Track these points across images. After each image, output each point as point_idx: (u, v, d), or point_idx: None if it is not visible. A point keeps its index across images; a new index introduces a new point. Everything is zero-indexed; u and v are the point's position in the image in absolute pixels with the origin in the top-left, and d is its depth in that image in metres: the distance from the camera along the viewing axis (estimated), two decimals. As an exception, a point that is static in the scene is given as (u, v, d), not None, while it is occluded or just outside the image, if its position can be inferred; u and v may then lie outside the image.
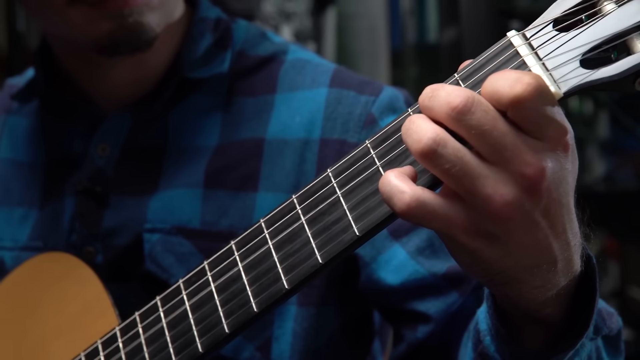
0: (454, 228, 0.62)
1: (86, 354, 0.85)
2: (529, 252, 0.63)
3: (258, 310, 0.73)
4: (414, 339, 0.96)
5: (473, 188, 0.60)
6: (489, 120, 0.59)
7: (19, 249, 1.06)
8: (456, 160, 0.60)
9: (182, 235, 0.98)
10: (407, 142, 0.62)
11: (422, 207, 0.61)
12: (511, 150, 0.60)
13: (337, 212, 0.69)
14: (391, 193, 0.61)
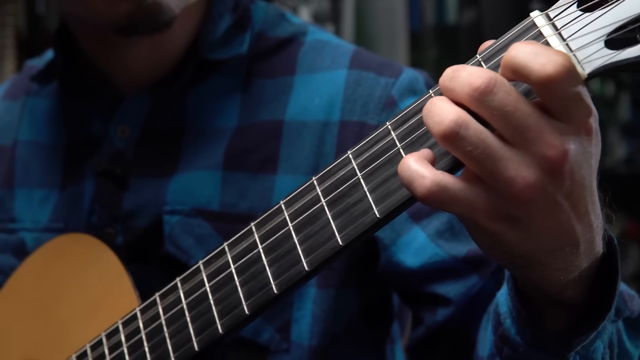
0: (475, 212, 0.61)
1: (107, 334, 0.86)
2: (551, 235, 0.63)
3: (278, 292, 0.74)
4: (434, 322, 0.95)
5: (495, 170, 0.60)
6: (511, 101, 0.59)
7: (40, 230, 1.07)
8: (478, 142, 0.60)
9: (201, 217, 0.98)
10: (429, 125, 0.61)
11: (443, 191, 0.60)
12: (534, 131, 0.59)
13: (357, 194, 0.69)
14: (411, 178, 0.61)
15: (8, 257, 1.09)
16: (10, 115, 1.15)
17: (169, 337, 0.80)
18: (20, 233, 1.08)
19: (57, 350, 0.91)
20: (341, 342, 1.01)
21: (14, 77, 1.23)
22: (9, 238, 1.09)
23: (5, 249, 1.09)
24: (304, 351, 0.98)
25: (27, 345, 0.95)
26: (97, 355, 0.86)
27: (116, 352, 0.84)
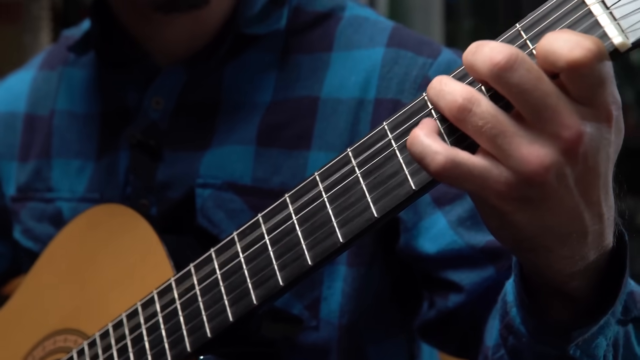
0: (487, 190, 0.61)
1: (142, 303, 0.86)
2: (560, 219, 0.62)
3: (312, 264, 0.74)
4: (445, 307, 0.95)
5: (508, 147, 0.59)
6: (531, 79, 0.58)
7: (76, 200, 1.08)
8: (490, 118, 0.59)
9: (233, 191, 0.98)
10: (440, 104, 0.62)
11: (456, 167, 0.60)
12: (551, 111, 0.58)
13: (392, 166, 0.68)
14: (424, 153, 0.61)
15: (45, 226, 1.10)
16: (47, 85, 1.16)
17: (203, 307, 0.81)
18: (57, 202, 1.09)
19: (93, 318, 0.92)
20: (370, 320, 1.01)
21: (50, 47, 1.24)
22: (46, 207, 1.10)
23: (43, 218, 1.10)
24: (333, 329, 0.98)
25: (63, 314, 0.96)
26: (133, 325, 0.86)
27: (151, 322, 0.85)
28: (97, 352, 0.89)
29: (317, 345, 0.98)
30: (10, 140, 1.16)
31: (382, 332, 1.03)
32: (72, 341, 0.94)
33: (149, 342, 0.84)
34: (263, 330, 0.82)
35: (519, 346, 0.76)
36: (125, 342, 0.86)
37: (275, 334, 0.85)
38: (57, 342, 0.96)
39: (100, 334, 0.89)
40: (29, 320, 1.01)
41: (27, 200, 1.13)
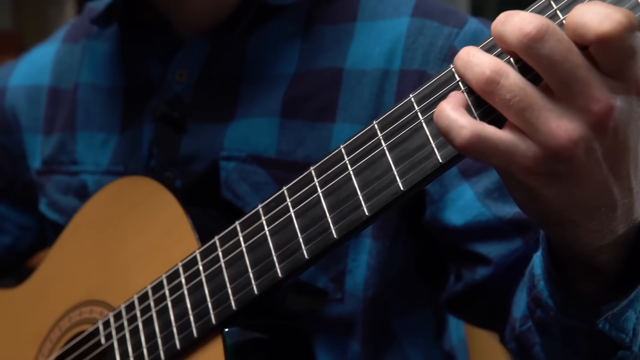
0: (514, 164, 0.60)
1: (167, 276, 0.87)
2: (588, 194, 0.61)
3: (338, 237, 0.73)
4: (472, 280, 0.95)
5: (536, 121, 0.59)
6: (561, 50, 0.57)
7: (100, 172, 1.08)
8: (518, 91, 0.59)
9: (257, 164, 0.98)
10: (467, 76, 0.61)
11: (482, 142, 0.60)
12: (581, 84, 0.57)
13: (419, 139, 0.68)
14: (449, 127, 0.60)
15: (70, 198, 1.10)
16: (71, 58, 1.16)
17: (228, 280, 0.81)
18: (82, 175, 1.10)
19: (118, 290, 0.93)
20: (396, 293, 1.01)
21: (74, 20, 1.24)
22: (71, 180, 1.11)
23: (68, 190, 1.11)
24: (358, 301, 0.98)
25: (89, 286, 0.97)
26: (158, 297, 0.87)
27: (176, 294, 0.85)
28: (122, 323, 0.89)
29: (342, 317, 0.98)
30: (35, 113, 1.16)
31: (408, 305, 1.03)
32: (98, 312, 0.94)
33: (174, 315, 0.85)
34: (288, 303, 0.82)
35: (547, 319, 0.76)
36: (150, 314, 0.87)
37: (300, 307, 0.85)
38: (82, 314, 0.96)
39: (125, 306, 0.90)
40: (54, 291, 1.01)
41: (52, 174, 1.13)
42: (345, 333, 0.99)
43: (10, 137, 1.18)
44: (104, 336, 0.91)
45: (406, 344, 1.03)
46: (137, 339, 0.87)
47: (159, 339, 0.85)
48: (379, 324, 1.00)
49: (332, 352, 1.00)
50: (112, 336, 0.90)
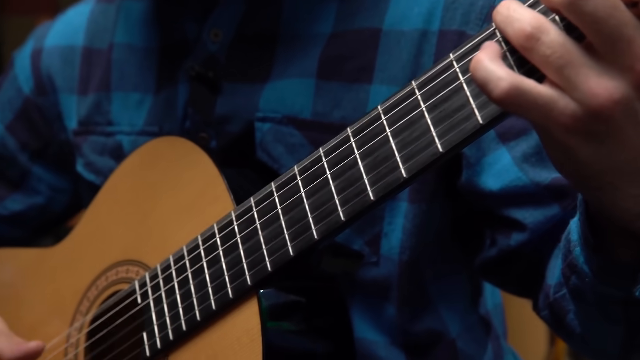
0: (552, 121, 0.59)
1: (203, 237, 0.87)
2: (628, 156, 0.60)
3: (374, 199, 0.73)
4: (506, 245, 0.93)
5: (575, 79, 0.57)
6: (606, 7, 0.56)
7: (136, 133, 1.08)
8: (558, 47, 0.57)
9: (293, 125, 0.97)
10: (507, 31, 0.59)
11: (521, 95, 0.58)
12: (626, 42, 0.56)
13: (459, 99, 0.66)
14: (487, 79, 0.59)
15: (106, 159, 1.11)
16: (105, 19, 1.15)
17: (264, 241, 0.81)
18: (117, 136, 1.10)
19: (154, 250, 0.93)
20: (432, 257, 1.00)
21: (109, -21, 1.23)
22: (107, 141, 1.11)
23: (104, 151, 1.11)
24: (393, 265, 0.97)
25: (125, 245, 0.97)
26: (193, 257, 0.87)
27: (212, 255, 0.85)
28: (158, 283, 0.90)
29: (377, 281, 0.97)
30: (70, 73, 1.16)
31: (443, 269, 1.02)
32: (134, 272, 0.95)
33: (209, 275, 0.85)
34: (323, 265, 0.82)
35: (582, 286, 0.75)
36: (186, 274, 0.87)
37: (336, 269, 0.84)
38: (119, 273, 0.97)
39: (161, 266, 0.90)
40: (91, 251, 1.02)
41: (88, 134, 1.13)
42: (380, 296, 0.99)
43: (46, 98, 1.18)
44: (140, 295, 0.92)
45: (441, 308, 1.03)
46: (173, 299, 0.87)
47: (194, 299, 0.85)
48: (415, 288, 0.99)
49: (367, 315, 0.99)
50: (148, 296, 0.91)
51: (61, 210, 1.25)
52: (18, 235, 1.24)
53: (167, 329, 0.87)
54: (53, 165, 1.21)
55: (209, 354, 0.84)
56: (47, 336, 0.97)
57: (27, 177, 1.21)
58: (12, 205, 1.22)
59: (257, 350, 0.79)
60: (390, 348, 1.00)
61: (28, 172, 1.21)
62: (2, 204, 1.22)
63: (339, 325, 0.84)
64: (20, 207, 1.22)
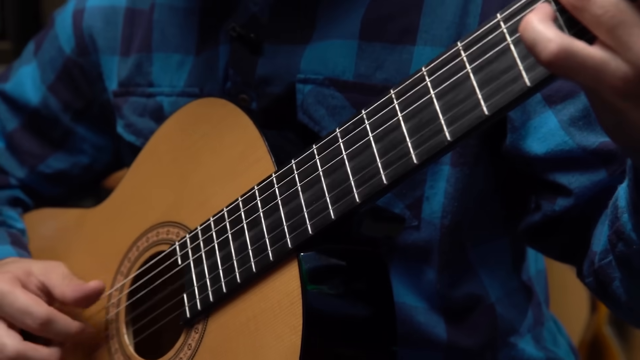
0: (602, 84, 0.58)
1: (243, 198, 0.86)
2: None
3: (418, 162, 0.72)
4: (551, 211, 0.92)
5: (628, 39, 0.56)
6: None
7: (176, 94, 1.08)
8: (610, 6, 0.56)
9: (334, 87, 0.96)
10: None
11: (570, 57, 0.57)
12: None
13: (506, 60, 0.65)
14: (536, 40, 0.58)
15: (147, 120, 1.11)
16: None
17: (305, 204, 0.80)
18: (157, 97, 1.10)
19: (194, 212, 0.93)
20: (474, 222, 0.99)
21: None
22: (147, 102, 1.11)
23: (144, 112, 1.11)
24: (435, 229, 0.96)
25: (165, 206, 0.97)
26: (234, 219, 0.86)
27: (252, 217, 0.85)
28: (198, 245, 0.90)
29: (418, 245, 0.97)
30: (112, 34, 1.16)
31: (485, 234, 1.01)
32: (174, 233, 0.95)
33: (249, 238, 0.84)
34: (364, 228, 0.81)
35: (629, 253, 0.74)
36: (226, 236, 0.87)
37: (377, 233, 0.84)
38: (159, 234, 0.97)
39: (202, 228, 0.90)
40: (132, 213, 1.02)
41: (129, 95, 1.13)
42: (420, 261, 0.98)
43: (88, 58, 1.18)
44: (181, 257, 0.92)
45: (482, 273, 1.02)
46: (214, 260, 0.87)
47: (234, 261, 0.85)
48: (456, 253, 0.98)
49: (406, 279, 0.99)
50: (189, 257, 0.91)
51: (103, 169, 1.25)
52: (59, 194, 1.25)
53: (208, 290, 0.87)
54: (95, 125, 1.21)
55: (249, 316, 0.84)
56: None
57: (71, 137, 1.22)
58: (55, 163, 1.23)
59: (298, 313, 0.79)
60: (430, 313, 1.00)
61: (71, 132, 1.21)
62: (46, 162, 1.23)
63: (380, 290, 0.84)
64: (63, 166, 1.23)
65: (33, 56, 1.23)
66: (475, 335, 1.01)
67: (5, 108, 1.23)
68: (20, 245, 1.12)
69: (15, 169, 1.23)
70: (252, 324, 0.83)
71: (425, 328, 1.00)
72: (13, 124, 1.23)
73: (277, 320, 0.81)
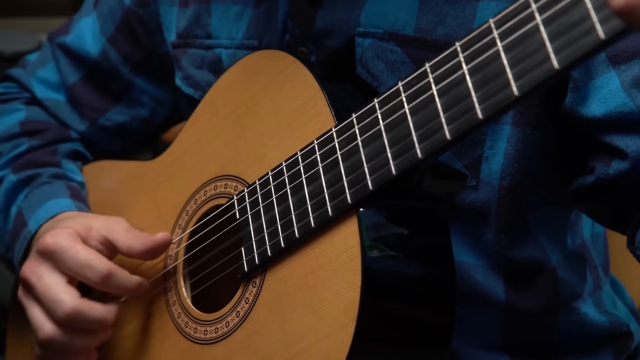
0: None
1: (303, 153, 0.85)
2: None
3: (483, 118, 0.70)
4: (605, 174, 0.89)
5: None
6: None
7: (235, 46, 1.07)
8: None
9: (394, 41, 0.93)
10: None
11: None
12: None
13: (578, 12, 0.62)
14: None
15: (205, 73, 1.10)
16: None
17: (365, 159, 0.79)
18: (216, 49, 1.09)
19: (252, 165, 0.92)
20: (533, 184, 0.96)
21: None
22: (206, 54, 1.10)
23: (202, 65, 1.10)
24: (493, 190, 0.94)
25: (223, 160, 0.97)
26: (293, 173, 0.86)
27: (311, 172, 0.84)
28: (257, 199, 0.89)
29: (476, 206, 0.95)
30: (171, -16, 1.15)
31: (544, 197, 0.99)
32: (232, 187, 0.95)
33: (308, 192, 0.83)
34: (425, 184, 0.80)
35: None
36: (285, 190, 0.86)
37: (438, 189, 0.82)
38: (217, 188, 0.97)
39: (260, 182, 0.90)
40: (190, 166, 1.02)
41: (187, 47, 1.12)
42: (478, 221, 0.96)
43: (147, 9, 1.17)
44: (239, 211, 0.92)
45: (541, 236, 1.00)
46: (272, 215, 0.87)
47: (293, 216, 0.85)
48: (514, 215, 0.96)
49: (465, 238, 0.97)
50: (247, 211, 0.90)
51: (162, 123, 1.26)
52: (117, 147, 1.26)
53: (266, 245, 0.87)
54: (154, 77, 1.21)
55: (307, 271, 0.83)
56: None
57: (130, 89, 1.22)
58: (115, 116, 1.23)
59: (356, 269, 0.78)
60: (489, 272, 0.98)
61: (131, 84, 1.22)
62: (106, 115, 1.23)
63: (440, 247, 0.83)
64: (123, 119, 1.23)
65: (93, 8, 1.23)
66: (536, 299, 1.00)
67: (66, 61, 1.24)
68: (79, 199, 1.13)
69: (75, 123, 1.24)
70: (310, 279, 0.83)
71: (484, 288, 0.98)
72: (74, 77, 1.23)
73: (335, 276, 0.80)
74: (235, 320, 0.89)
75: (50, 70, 1.25)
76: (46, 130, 1.22)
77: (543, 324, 1.02)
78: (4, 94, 1.28)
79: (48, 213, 1.09)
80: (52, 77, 1.25)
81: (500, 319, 1.00)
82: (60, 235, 0.97)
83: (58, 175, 1.16)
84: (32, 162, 1.18)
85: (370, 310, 0.78)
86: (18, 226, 1.11)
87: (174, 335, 0.97)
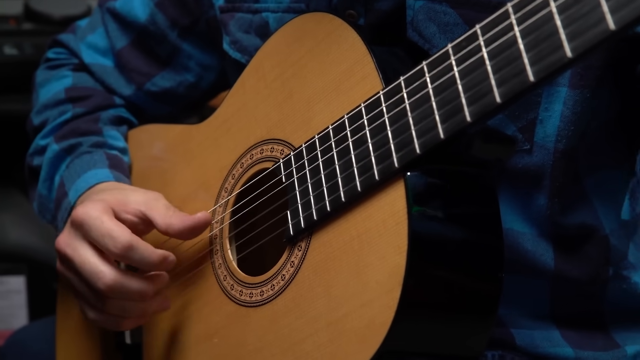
0: None
1: (349, 116, 0.84)
2: None
3: (535, 80, 0.68)
4: None
5: None
6: None
7: (282, 10, 1.06)
8: None
9: (447, 3, 0.92)
10: None
11: None
12: None
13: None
14: None
15: (252, 37, 1.09)
16: None
17: (413, 122, 0.78)
18: (263, 13, 1.08)
19: (299, 129, 0.92)
20: (591, 148, 0.94)
21: None
22: (253, 18, 1.09)
23: (250, 29, 1.09)
24: (548, 153, 0.92)
25: (270, 124, 0.96)
26: (340, 137, 0.85)
27: (358, 135, 0.83)
28: (303, 162, 0.89)
29: (529, 170, 0.93)
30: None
31: (602, 162, 0.96)
32: (279, 151, 0.94)
33: (355, 156, 0.83)
34: (474, 149, 0.78)
35: None
36: (331, 154, 0.85)
37: (487, 155, 0.80)
38: (264, 152, 0.96)
39: (306, 145, 0.89)
40: (236, 129, 1.02)
41: (235, 11, 1.12)
42: (530, 186, 0.95)
43: (195, -26, 1.17)
44: (285, 175, 0.91)
45: (596, 202, 0.98)
46: (318, 178, 0.86)
47: (339, 179, 0.84)
48: (569, 179, 0.94)
49: (515, 205, 0.96)
50: (293, 175, 0.90)
51: (208, 89, 1.25)
52: (164, 113, 1.26)
53: (312, 208, 0.86)
54: (202, 42, 1.21)
55: (352, 234, 0.83)
56: (195, 211, 0.99)
57: (177, 54, 1.22)
58: (161, 82, 1.23)
59: (403, 233, 0.77)
60: (538, 240, 0.97)
61: (178, 49, 1.21)
62: (152, 80, 1.23)
63: (488, 213, 0.81)
64: (170, 84, 1.23)
65: None
66: (586, 266, 0.98)
67: (115, 26, 1.24)
68: (118, 168, 1.13)
69: (122, 87, 1.24)
70: (355, 243, 0.82)
71: (533, 256, 0.97)
72: (122, 42, 1.23)
73: (381, 240, 0.79)
74: (281, 283, 0.89)
75: (99, 35, 1.25)
76: (90, 96, 1.22)
77: (592, 293, 1.00)
78: (53, 59, 1.29)
79: (86, 184, 1.09)
80: (101, 43, 1.25)
81: (548, 288, 0.99)
82: (90, 206, 0.97)
83: (99, 143, 1.16)
84: (75, 131, 1.18)
85: (416, 275, 0.77)
86: (60, 196, 1.12)
87: (220, 297, 0.97)
